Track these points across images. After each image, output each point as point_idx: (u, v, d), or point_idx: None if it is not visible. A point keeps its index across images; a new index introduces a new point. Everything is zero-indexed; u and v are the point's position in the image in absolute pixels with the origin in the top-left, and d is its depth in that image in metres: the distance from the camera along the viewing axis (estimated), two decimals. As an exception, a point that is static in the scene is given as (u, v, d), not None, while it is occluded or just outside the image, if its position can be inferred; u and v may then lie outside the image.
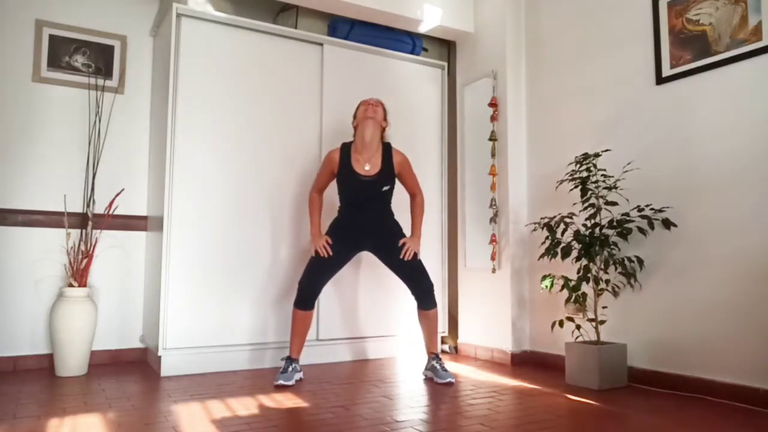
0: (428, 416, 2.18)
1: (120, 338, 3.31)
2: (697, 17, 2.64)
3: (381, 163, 2.90)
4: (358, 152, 2.90)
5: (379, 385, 2.73)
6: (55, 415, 2.14)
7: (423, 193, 3.11)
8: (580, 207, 3.08)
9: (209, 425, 2.03)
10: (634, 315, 2.82)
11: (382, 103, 2.99)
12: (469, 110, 3.78)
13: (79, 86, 3.30)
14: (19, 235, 3.10)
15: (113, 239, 3.33)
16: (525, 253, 3.44)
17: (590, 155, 2.86)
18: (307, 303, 2.83)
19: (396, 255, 2.90)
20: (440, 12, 3.68)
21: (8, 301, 3.06)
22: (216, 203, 3.11)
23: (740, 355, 2.39)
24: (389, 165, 2.92)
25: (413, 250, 2.90)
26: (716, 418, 2.17)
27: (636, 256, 2.76)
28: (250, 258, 3.18)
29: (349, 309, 3.46)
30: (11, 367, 3.03)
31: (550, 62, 3.41)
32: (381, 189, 2.89)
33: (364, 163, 2.88)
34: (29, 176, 3.15)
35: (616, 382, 2.69)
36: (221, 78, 3.18)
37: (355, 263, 3.45)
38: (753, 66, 2.42)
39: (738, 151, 2.45)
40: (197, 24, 3.14)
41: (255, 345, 3.16)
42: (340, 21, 3.65)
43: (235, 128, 3.20)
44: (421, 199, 3.05)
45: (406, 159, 3.01)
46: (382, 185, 2.89)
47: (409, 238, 2.95)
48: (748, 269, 2.39)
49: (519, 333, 3.38)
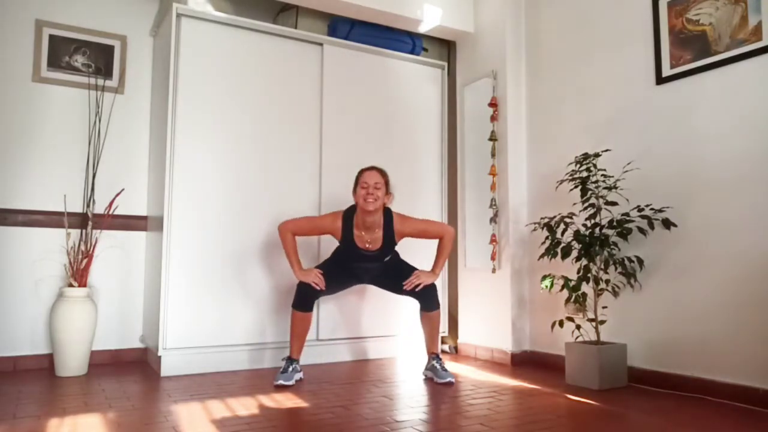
0: (428, 416, 2.18)
1: (120, 338, 3.31)
2: (697, 17, 2.64)
3: (382, 238, 2.86)
4: (359, 229, 2.85)
5: (379, 385, 2.73)
6: (55, 415, 2.14)
7: (447, 228, 2.96)
8: (580, 207, 3.08)
9: (209, 425, 2.03)
10: (634, 315, 2.82)
11: (383, 175, 2.83)
12: (469, 110, 3.78)
13: (79, 86, 3.30)
14: (19, 235, 3.10)
15: (113, 239, 3.33)
16: (525, 253, 3.44)
17: (590, 155, 2.86)
18: (305, 305, 2.82)
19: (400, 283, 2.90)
20: (440, 12, 3.68)
21: (8, 301, 3.06)
22: (216, 203, 3.11)
23: (740, 355, 2.39)
24: (390, 238, 2.87)
25: (423, 283, 2.85)
26: (716, 418, 2.17)
27: (636, 256, 2.76)
28: (250, 258, 3.18)
29: (349, 309, 3.46)
30: (11, 367, 3.03)
31: (550, 62, 3.41)
32: (383, 260, 2.93)
33: (365, 241, 2.86)
34: (29, 176, 3.15)
35: (616, 382, 2.69)
36: (221, 78, 3.18)
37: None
38: (753, 66, 2.42)
39: (738, 151, 2.45)
40: (197, 24, 3.14)
41: (255, 345, 3.16)
42: (340, 21, 3.65)
43: (235, 128, 3.20)
44: (450, 237, 2.93)
45: (406, 221, 2.90)
46: (384, 256, 2.92)
47: (425, 272, 2.90)
48: (749, 269, 2.39)
49: (519, 333, 3.38)
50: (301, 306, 2.81)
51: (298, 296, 2.81)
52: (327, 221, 2.88)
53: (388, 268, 2.97)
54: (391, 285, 2.99)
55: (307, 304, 2.82)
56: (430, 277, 2.90)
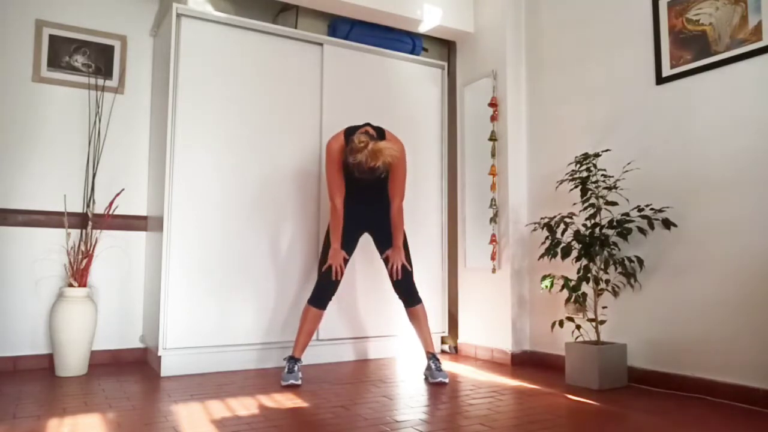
0: (428, 416, 2.18)
1: (120, 338, 3.31)
2: (697, 17, 2.64)
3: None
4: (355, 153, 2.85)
5: (379, 385, 2.73)
6: (55, 415, 2.14)
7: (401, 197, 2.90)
8: (580, 207, 3.08)
9: (209, 425, 2.03)
10: (634, 315, 2.82)
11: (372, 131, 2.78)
12: (469, 110, 3.78)
13: (79, 86, 3.30)
14: (19, 235, 3.10)
15: (113, 239, 3.33)
16: (525, 253, 3.44)
17: (590, 155, 2.86)
18: (324, 301, 2.82)
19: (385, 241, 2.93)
20: (440, 12, 3.69)
21: (8, 301, 3.06)
22: (216, 203, 3.11)
23: (740, 355, 2.39)
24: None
25: (400, 262, 2.87)
26: (716, 418, 2.17)
27: (636, 256, 2.76)
28: (250, 258, 3.18)
29: (349, 309, 3.46)
30: (11, 367, 3.03)
31: (550, 62, 3.41)
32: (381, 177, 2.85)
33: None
34: (29, 176, 3.15)
35: (616, 382, 2.69)
36: (221, 78, 3.18)
37: (354, 263, 3.45)
38: (753, 66, 2.42)
39: (738, 151, 2.45)
40: (197, 24, 3.14)
41: (255, 345, 3.16)
42: (340, 21, 3.65)
43: (235, 128, 3.20)
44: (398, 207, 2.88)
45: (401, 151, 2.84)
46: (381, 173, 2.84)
47: (390, 251, 2.91)
48: (749, 269, 2.39)
49: (519, 333, 3.38)
50: (318, 302, 2.81)
51: (317, 292, 2.81)
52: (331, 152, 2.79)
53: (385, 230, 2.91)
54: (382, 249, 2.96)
55: (324, 301, 2.82)
56: (397, 253, 2.88)
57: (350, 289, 3.46)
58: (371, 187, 2.85)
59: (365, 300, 3.51)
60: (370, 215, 2.93)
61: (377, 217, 2.93)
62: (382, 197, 2.91)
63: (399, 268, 2.86)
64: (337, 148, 2.80)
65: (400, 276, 2.86)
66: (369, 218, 2.94)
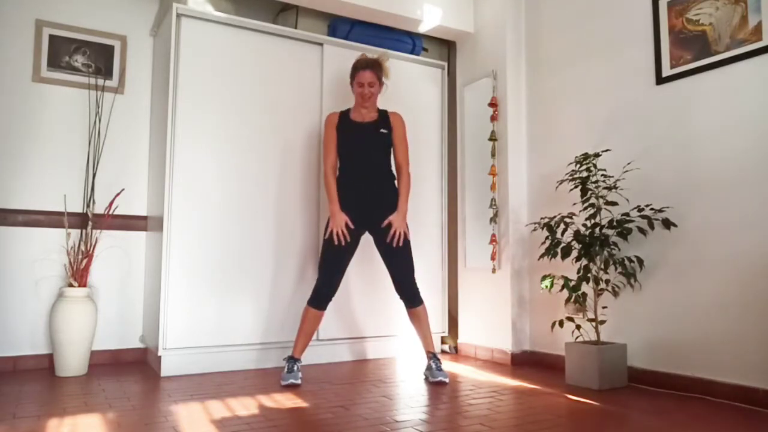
0: (428, 416, 2.18)
1: (120, 338, 3.31)
2: (697, 17, 2.64)
3: (377, 114, 3.00)
4: (356, 111, 3.00)
5: (379, 385, 2.73)
6: (55, 415, 2.14)
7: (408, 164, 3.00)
8: (580, 207, 3.08)
9: (209, 425, 2.03)
10: (634, 315, 2.82)
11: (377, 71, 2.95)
12: (469, 110, 3.78)
13: (79, 86, 3.30)
14: (19, 235, 3.10)
15: (113, 239, 3.33)
16: (525, 253, 3.44)
17: (590, 155, 2.86)
18: (324, 302, 2.82)
19: (385, 236, 2.88)
20: (440, 12, 3.69)
21: (8, 301, 3.06)
22: (216, 203, 3.11)
23: (740, 355, 2.39)
24: (384, 114, 3.02)
25: (401, 231, 2.86)
26: (716, 418, 2.17)
27: (636, 256, 2.76)
28: (251, 258, 3.18)
29: (349, 309, 3.46)
30: (11, 367, 3.03)
31: (550, 62, 3.41)
32: (379, 130, 2.93)
33: (362, 117, 2.98)
34: (29, 176, 3.15)
35: (616, 382, 2.69)
36: (221, 78, 3.18)
37: (354, 263, 3.45)
38: (753, 66, 2.42)
39: (738, 151, 2.45)
40: (197, 24, 3.14)
41: (255, 345, 3.16)
42: (340, 21, 3.65)
43: (235, 128, 3.20)
44: (406, 171, 2.97)
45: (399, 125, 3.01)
46: (378, 128, 2.94)
47: (394, 216, 2.88)
48: (749, 269, 2.39)
49: (519, 333, 3.38)
50: (318, 303, 2.82)
51: (317, 293, 2.82)
52: (329, 122, 2.98)
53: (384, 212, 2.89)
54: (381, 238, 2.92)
55: (324, 302, 2.82)
56: (399, 218, 2.87)
57: (350, 289, 3.46)
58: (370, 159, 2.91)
59: (365, 300, 3.51)
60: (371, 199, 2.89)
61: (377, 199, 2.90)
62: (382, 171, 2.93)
63: (399, 235, 2.86)
64: (334, 118, 2.99)
65: (401, 243, 2.85)
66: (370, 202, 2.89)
